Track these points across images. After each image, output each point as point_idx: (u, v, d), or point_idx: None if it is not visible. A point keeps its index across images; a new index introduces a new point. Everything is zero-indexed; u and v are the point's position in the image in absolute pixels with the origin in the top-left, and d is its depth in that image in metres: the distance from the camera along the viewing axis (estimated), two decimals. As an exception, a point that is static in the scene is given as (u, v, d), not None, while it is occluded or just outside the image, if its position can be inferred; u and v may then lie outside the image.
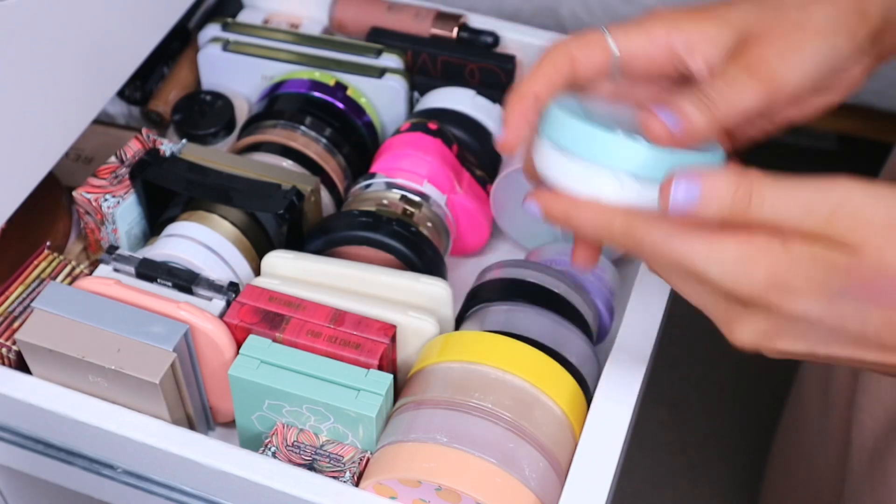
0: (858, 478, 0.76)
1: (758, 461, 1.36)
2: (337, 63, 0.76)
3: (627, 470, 1.36)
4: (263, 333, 0.60)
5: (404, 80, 0.76)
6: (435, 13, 0.78)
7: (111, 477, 0.60)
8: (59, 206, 0.73)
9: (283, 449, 0.58)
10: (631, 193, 0.46)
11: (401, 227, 0.65)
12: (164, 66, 0.82)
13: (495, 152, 0.74)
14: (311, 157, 0.72)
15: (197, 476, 0.57)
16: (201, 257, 0.63)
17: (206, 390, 0.63)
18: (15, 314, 0.63)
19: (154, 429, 0.57)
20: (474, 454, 0.53)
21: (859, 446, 0.75)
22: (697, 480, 1.35)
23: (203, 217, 0.66)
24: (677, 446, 1.38)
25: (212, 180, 0.66)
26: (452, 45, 0.77)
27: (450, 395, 0.56)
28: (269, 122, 0.73)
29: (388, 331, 0.59)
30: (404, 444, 0.55)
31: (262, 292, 0.61)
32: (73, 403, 0.58)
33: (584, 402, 0.59)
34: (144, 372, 0.57)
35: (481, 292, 0.64)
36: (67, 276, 0.65)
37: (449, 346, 0.59)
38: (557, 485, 0.54)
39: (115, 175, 0.69)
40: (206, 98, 0.78)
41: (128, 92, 0.80)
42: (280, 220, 0.65)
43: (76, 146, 0.77)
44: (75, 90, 0.66)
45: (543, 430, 0.55)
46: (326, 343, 0.59)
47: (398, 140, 0.71)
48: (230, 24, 0.79)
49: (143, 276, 0.62)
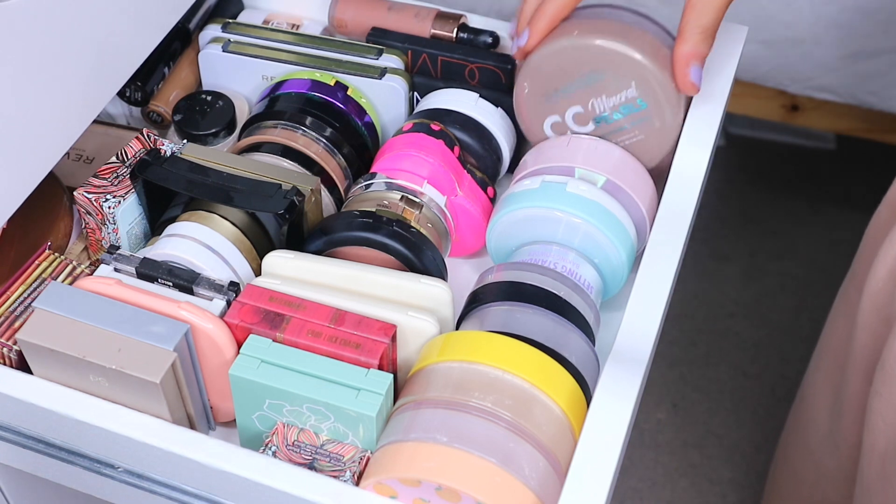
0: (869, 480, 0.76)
1: (757, 461, 1.36)
2: (337, 63, 0.77)
3: (627, 469, 1.36)
4: (264, 333, 0.60)
5: (404, 80, 0.76)
6: (435, 13, 0.79)
7: (112, 476, 0.60)
8: (59, 206, 0.73)
9: (284, 448, 0.58)
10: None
11: (401, 228, 0.65)
12: (165, 67, 0.82)
13: (497, 155, 0.74)
14: (311, 158, 0.72)
15: (197, 475, 0.57)
16: (202, 257, 0.64)
17: (206, 390, 0.63)
18: (16, 314, 0.63)
19: (155, 428, 0.57)
20: (474, 454, 0.53)
21: (871, 449, 0.75)
22: (697, 480, 1.35)
23: (204, 217, 0.66)
24: (677, 446, 1.38)
25: (212, 180, 0.66)
26: (452, 45, 0.77)
27: (450, 395, 0.56)
28: (270, 123, 0.73)
29: (388, 330, 0.59)
30: (404, 444, 0.55)
31: (263, 292, 0.62)
32: (74, 403, 0.58)
33: (583, 401, 0.59)
34: (145, 371, 0.57)
35: (482, 295, 0.64)
36: (68, 276, 0.65)
37: (449, 346, 0.59)
38: (557, 484, 0.54)
39: (115, 175, 0.69)
40: (207, 98, 0.78)
41: (129, 92, 0.80)
42: (280, 220, 0.65)
43: (77, 146, 0.77)
44: (76, 90, 0.66)
45: (543, 429, 0.55)
46: (327, 343, 0.59)
47: (400, 140, 0.71)
48: (231, 25, 0.79)
49: (143, 276, 0.63)
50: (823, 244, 1.59)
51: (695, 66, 0.64)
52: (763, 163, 1.72)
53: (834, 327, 0.89)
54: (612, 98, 0.67)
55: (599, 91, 0.67)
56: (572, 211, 0.66)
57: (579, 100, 0.68)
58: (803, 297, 1.53)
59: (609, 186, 0.67)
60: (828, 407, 0.88)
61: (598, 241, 0.66)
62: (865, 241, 0.85)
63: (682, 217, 0.65)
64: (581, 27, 0.66)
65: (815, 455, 0.91)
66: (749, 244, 1.60)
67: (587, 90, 0.67)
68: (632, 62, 0.65)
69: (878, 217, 0.83)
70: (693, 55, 0.64)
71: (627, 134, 0.68)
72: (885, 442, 0.73)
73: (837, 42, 1.26)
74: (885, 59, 1.27)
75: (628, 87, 0.66)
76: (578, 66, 0.66)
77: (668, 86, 0.66)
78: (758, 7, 1.25)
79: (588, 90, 0.67)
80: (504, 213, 0.68)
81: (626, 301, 0.61)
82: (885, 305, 0.76)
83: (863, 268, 0.83)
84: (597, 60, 0.66)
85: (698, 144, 0.68)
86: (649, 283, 0.61)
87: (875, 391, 0.73)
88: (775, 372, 1.46)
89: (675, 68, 0.65)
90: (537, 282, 0.63)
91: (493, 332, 0.60)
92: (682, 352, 1.48)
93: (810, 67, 1.30)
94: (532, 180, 0.68)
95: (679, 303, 1.50)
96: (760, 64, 1.32)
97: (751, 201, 1.66)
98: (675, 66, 0.65)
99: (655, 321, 0.60)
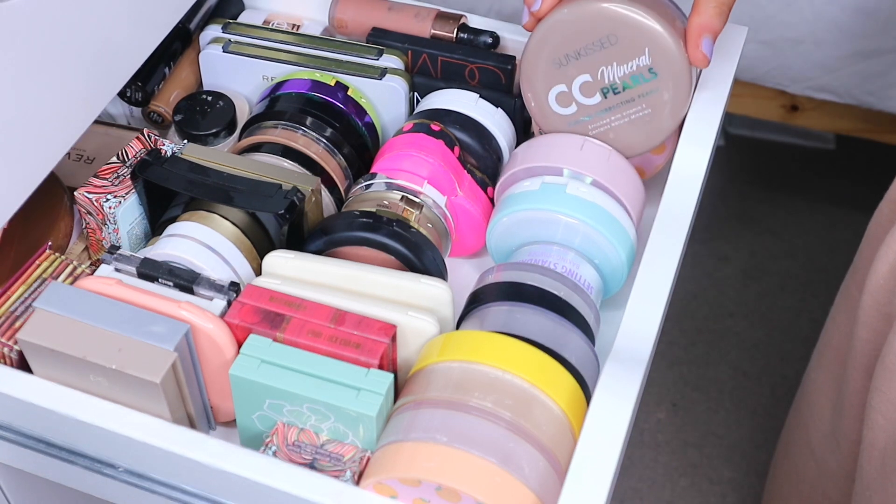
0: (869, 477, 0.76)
1: (757, 460, 1.36)
2: (337, 63, 0.77)
3: (627, 469, 1.36)
4: (264, 333, 0.60)
5: (404, 80, 0.76)
6: (435, 14, 0.79)
7: (112, 476, 0.60)
8: (60, 207, 0.73)
9: (284, 448, 0.59)
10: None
11: (401, 228, 0.65)
12: (166, 67, 0.82)
13: (497, 155, 0.74)
14: (311, 158, 0.72)
15: (198, 475, 0.57)
16: (202, 257, 0.64)
17: (206, 390, 0.63)
18: (17, 314, 0.63)
19: (155, 428, 0.57)
20: (474, 454, 0.53)
21: (870, 445, 0.75)
22: (697, 480, 1.35)
23: (204, 217, 0.66)
24: (677, 446, 1.38)
25: (213, 180, 0.66)
26: (452, 45, 0.77)
27: (450, 395, 0.56)
28: (270, 123, 0.73)
29: (388, 330, 0.59)
30: (404, 444, 0.55)
31: (263, 292, 0.62)
32: (75, 403, 0.58)
33: (583, 401, 0.59)
34: (145, 371, 0.57)
35: (482, 295, 0.64)
36: (69, 276, 0.65)
37: (449, 346, 0.59)
38: (557, 484, 0.54)
39: (116, 175, 0.69)
40: (208, 98, 0.78)
41: (129, 92, 0.81)
42: (281, 220, 0.65)
43: (77, 146, 0.77)
44: (77, 90, 0.66)
45: (543, 429, 0.55)
46: (327, 343, 0.59)
47: (400, 140, 0.72)
48: (231, 25, 0.79)
49: (144, 276, 0.63)
50: (823, 244, 1.59)
51: (706, 39, 0.65)
52: (763, 163, 1.72)
53: (835, 325, 0.89)
54: (623, 66, 0.66)
55: (611, 58, 0.66)
56: (573, 213, 0.66)
57: (589, 67, 0.67)
58: (803, 297, 1.53)
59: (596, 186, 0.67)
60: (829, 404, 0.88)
61: (597, 242, 0.66)
62: (867, 238, 0.85)
63: (682, 217, 0.65)
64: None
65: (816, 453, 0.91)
66: (749, 244, 1.60)
67: (599, 56, 0.66)
68: (647, 29, 0.65)
69: (879, 214, 0.84)
70: (706, 27, 0.64)
71: (635, 106, 0.68)
72: (885, 439, 0.73)
73: (837, 42, 1.26)
74: (885, 59, 1.27)
75: (642, 53, 0.65)
76: (593, 31, 0.66)
77: (681, 57, 0.65)
78: (758, 7, 1.25)
79: (600, 56, 0.66)
80: (504, 215, 0.68)
81: (626, 301, 0.61)
82: (885, 302, 0.76)
83: (864, 265, 0.83)
84: (612, 26, 0.65)
85: (698, 144, 0.68)
86: (649, 283, 0.61)
87: (875, 387, 0.73)
88: (775, 372, 1.46)
89: (688, 39, 0.65)
90: (537, 282, 0.63)
91: (494, 332, 0.60)
92: (682, 352, 1.48)
93: (810, 67, 1.30)
94: (532, 181, 0.68)
95: (679, 303, 1.50)
96: (760, 64, 1.32)
97: (751, 201, 1.66)
98: (688, 36, 0.65)
99: (655, 321, 0.60)
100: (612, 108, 0.68)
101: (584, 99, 0.69)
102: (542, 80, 0.69)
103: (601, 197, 0.67)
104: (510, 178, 0.71)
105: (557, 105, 0.70)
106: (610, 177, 0.68)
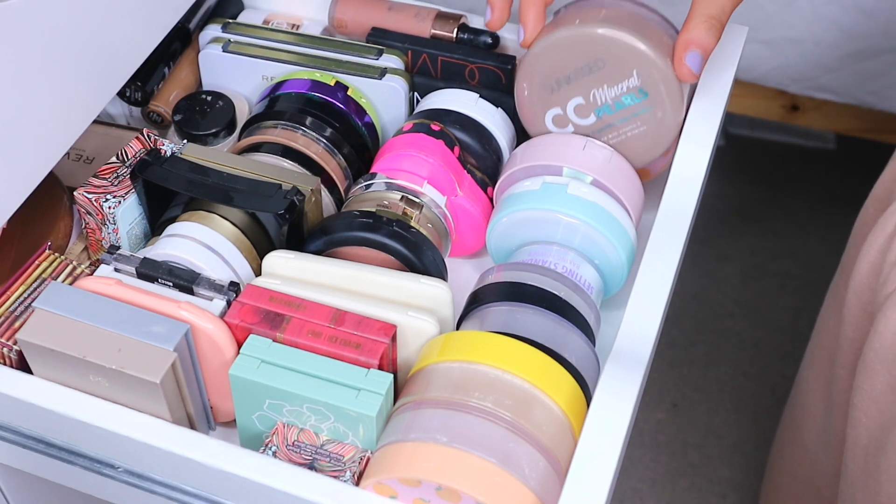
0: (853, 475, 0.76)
1: (757, 461, 1.36)
2: (337, 63, 0.77)
3: (627, 469, 1.36)
4: (264, 333, 0.60)
5: (404, 80, 0.76)
6: (435, 13, 0.79)
7: (112, 476, 0.60)
8: (60, 207, 0.73)
9: (284, 448, 0.59)
10: None
11: (401, 228, 0.65)
12: (165, 67, 0.82)
13: (497, 155, 0.74)
14: (311, 158, 0.72)
15: (197, 475, 0.57)
16: (202, 257, 0.64)
17: (206, 390, 0.63)
18: (16, 314, 0.63)
19: (155, 428, 0.57)
20: (474, 454, 0.53)
21: (853, 443, 0.75)
22: (697, 480, 1.35)
23: (204, 217, 0.66)
24: (677, 446, 1.38)
25: (212, 180, 0.66)
26: (452, 45, 0.77)
27: (450, 395, 0.56)
28: (270, 123, 0.73)
29: (388, 331, 0.59)
30: (404, 444, 0.55)
31: (263, 292, 0.62)
32: (74, 403, 0.58)
33: (583, 401, 0.59)
34: (145, 371, 0.57)
35: (482, 295, 0.64)
36: (68, 276, 0.65)
37: (449, 346, 0.59)
38: (557, 484, 0.54)
39: (115, 175, 0.69)
40: (207, 98, 0.78)
41: (129, 92, 0.81)
42: (281, 220, 0.65)
43: (77, 146, 0.77)
44: (76, 90, 0.66)
45: (543, 429, 0.55)
46: (327, 343, 0.59)
47: (400, 140, 0.71)
48: (231, 25, 0.79)
49: (143, 276, 0.63)
50: (823, 244, 1.59)
51: (693, 53, 0.64)
52: (763, 163, 1.72)
53: (824, 324, 0.89)
54: (613, 88, 0.67)
55: (601, 81, 0.67)
56: (573, 213, 0.66)
57: (581, 90, 0.68)
58: (803, 297, 1.53)
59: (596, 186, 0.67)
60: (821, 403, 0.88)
61: (598, 242, 0.66)
62: (853, 237, 0.86)
63: (682, 217, 0.65)
64: (582, 17, 0.67)
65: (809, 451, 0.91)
66: (749, 244, 1.60)
67: (589, 80, 0.67)
68: (633, 50, 0.65)
69: (864, 213, 0.84)
70: (693, 42, 0.64)
71: (629, 125, 0.68)
72: (867, 436, 0.73)
73: (837, 42, 1.26)
74: (884, 59, 1.27)
75: (630, 75, 0.66)
76: (581, 55, 0.66)
77: (670, 75, 0.66)
78: (758, 7, 1.25)
79: (590, 80, 0.67)
80: (505, 214, 0.68)
81: (626, 300, 0.61)
82: (868, 301, 0.76)
83: (850, 263, 0.83)
84: (598, 49, 0.66)
85: (698, 144, 0.68)
86: (649, 283, 0.61)
87: (857, 386, 0.73)
88: (775, 372, 1.46)
89: (674, 54, 0.65)
90: (537, 282, 0.63)
91: (494, 333, 0.60)
92: (682, 352, 1.48)
93: (810, 67, 1.30)
94: (532, 181, 0.68)
95: (679, 303, 1.50)
96: (760, 64, 1.32)
97: (751, 201, 1.66)
98: (675, 52, 0.65)
99: (655, 321, 0.60)
100: (607, 127, 0.69)
101: (579, 120, 0.70)
102: (536, 105, 0.70)
103: (601, 197, 0.67)
104: (510, 178, 0.71)
105: (554, 127, 0.71)
106: (610, 177, 0.68)
